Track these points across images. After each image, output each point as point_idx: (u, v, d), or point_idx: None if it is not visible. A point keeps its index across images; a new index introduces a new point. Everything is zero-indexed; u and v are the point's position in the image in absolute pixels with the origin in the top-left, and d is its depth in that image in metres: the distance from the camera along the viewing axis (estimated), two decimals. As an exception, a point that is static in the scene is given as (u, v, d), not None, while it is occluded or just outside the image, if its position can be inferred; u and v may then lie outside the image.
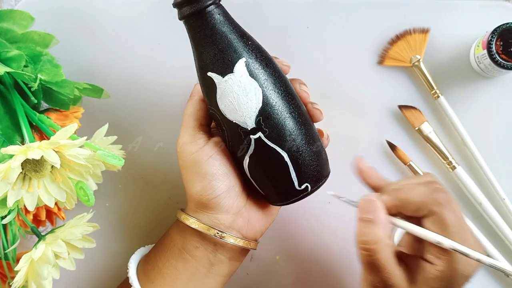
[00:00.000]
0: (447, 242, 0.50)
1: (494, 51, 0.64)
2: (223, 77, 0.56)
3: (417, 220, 0.53)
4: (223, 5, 0.56)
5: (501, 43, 0.64)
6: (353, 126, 0.70)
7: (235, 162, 0.60)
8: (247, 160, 0.58)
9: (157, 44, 0.72)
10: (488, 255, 0.49)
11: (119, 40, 0.72)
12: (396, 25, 0.70)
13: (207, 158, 0.58)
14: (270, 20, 0.60)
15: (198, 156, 0.58)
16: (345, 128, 0.70)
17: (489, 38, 0.64)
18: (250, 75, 0.56)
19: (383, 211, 0.53)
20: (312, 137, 0.58)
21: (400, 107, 0.70)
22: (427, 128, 0.68)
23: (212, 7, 0.55)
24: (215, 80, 0.56)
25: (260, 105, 0.56)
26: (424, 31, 0.69)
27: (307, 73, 0.65)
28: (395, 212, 0.54)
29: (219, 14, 0.56)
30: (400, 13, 0.70)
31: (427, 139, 0.69)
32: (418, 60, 0.69)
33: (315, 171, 0.58)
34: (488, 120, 0.70)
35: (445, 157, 0.68)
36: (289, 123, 0.57)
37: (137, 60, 0.72)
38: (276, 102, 0.56)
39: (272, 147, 0.56)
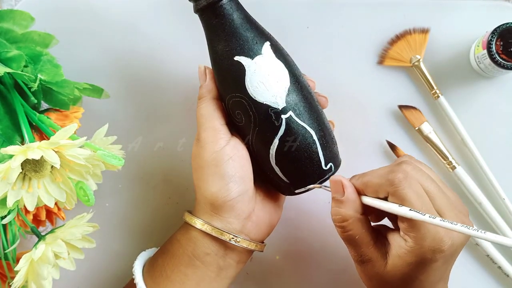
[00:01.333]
0: (402, 211, 0.51)
1: (494, 51, 0.64)
2: (252, 59, 0.57)
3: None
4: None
5: (501, 43, 0.64)
6: (353, 126, 0.70)
7: (254, 158, 0.60)
8: (276, 143, 0.58)
9: (157, 44, 0.72)
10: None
11: (119, 40, 0.72)
12: (396, 25, 0.70)
13: (227, 159, 0.58)
14: (270, 20, 0.60)
15: (218, 156, 0.58)
16: (345, 128, 0.70)
17: (489, 38, 0.64)
18: (276, 57, 0.58)
19: (351, 189, 0.55)
20: (326, 121, 0.61)
21: (400, 107, 0.70)
22: (427, 128, 0.68)
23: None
24: (244, 63, 0.57)
25: (289, 84, 0.58)
26: (424, 31, 0.69)
27: (307, 73, 0.65)
28: (360, 193, 0.56)
29: (236, 3, 0.58)
30: (400, 13, 0.70)
31: (427, 139, 0.69)
32: (418, 60, 0.69)
33: (336, 151, 0.62)
34: (488, 120, 0.70)
35: (445, 157, 0.68)
36: (313, 103, 0.60)
37: (137, 60, 0.72)
38: (300, 82, 0.60)
39: (302, 125, 0.58)
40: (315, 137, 0.59)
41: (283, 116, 0.58)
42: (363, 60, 0.71)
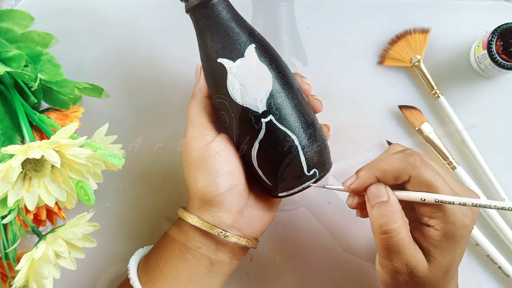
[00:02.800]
0: (429, 196, 0.51)
1: (494, 51, 0.64)
2: (234, 62, 0.57)
3: (400, 187, 0.54)
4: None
5: (501, 43, 0.65)
6: (353, 126, 0.70)
7: (241, 157, 0.60)
8: (256, 147, 0.58)
9: (157, 44, 0.72)
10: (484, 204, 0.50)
11: (119, 40, 0.72)
12: (396, 25, 0.70)
13: (213, 154, 0.58)
14: (270, 20, 0.60)
15: (204, 152, 0.58)
16: (345, 128, 0.70)
17: (489, 38, 0.64)
18: (260, 60, 0.58)
19: (392, 193, 0.53)
20: (316, 126, 0.60)
21: (400, 107, 0.70)
22: (427, 128, 0.68)
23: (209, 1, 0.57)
24: (226, 66, 0.57)
25: (271, 88, 0.58)
26: (424, 31, 0.70)
27: (307, 73, 0.65)
28: (375, 181, 0.55)
29: (226, 4, 0.58)
30: (400, 13, 0.70)
31: (427, 139, 0.69)
32: (418, 60, 0.69)
33: (322, 157, 0.60)
34: (488, 120, 0.70)
35: (445, 157, 0.68)
36: (298, 107, 0.59)
37: (137, 60, 0.72)
38: (284, 86, 0.58)
39: (283, 130, 0.58)
40: (296, 142, 0.58)
41: (263, 120, 0.57)
42: (363, 60, 0.71)
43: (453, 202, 0.50)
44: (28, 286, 0.54)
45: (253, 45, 0.58)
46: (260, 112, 0.57)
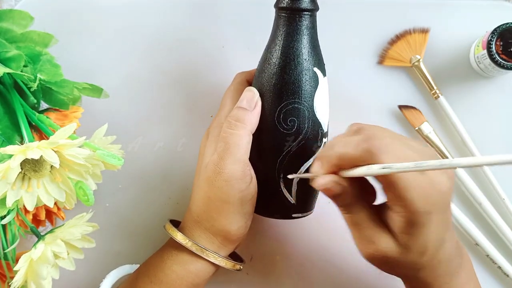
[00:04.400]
0: (374, 168, 0.47)
1: (494, 51, 0.64)
2: (324, 77, 0.59)
3: None
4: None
5: (501, 43, 0.64)
6: (353, 126, 0.70)
7: (265, 172, 0.59)
8: (310, 162, 0.59)
9: (157, 44, 0.72)
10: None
11: (119, 40, 0.72)
12: (396, 25, 0.70)
13: (250, 197, 0.58)
14: (270, 20, 0.60)
15: (245, 196, 0.57)
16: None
17: (489, 38, 0.64)
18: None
19: (341, 180, 0.50)
20: None
21: (400, 107, 0.70)
22: (427, 128, 0.68)
23: (316, 11, 0.59)
24: (319, 77, 0.58)
25: (328, 113, 0.60)
26: (424, 31, 0.69)
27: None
28: (337, 170, 0.51)
29: (316, 20, 0.59)
30: (400, 13, 0.70)
31: (427, 139, 0.69)
32: (418, 60, 0.69)
33: None
34: (488, 120, 0.70)
35: (445, 157, 0.68)
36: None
37: (137, 60, 0.72)
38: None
39: None
40: None
41: (324, 140, 0.60)
42: (363, 60, 0.71)
43: (402, 168, 0.45)
44: (27, 287, 0.54)
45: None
46: (325, 131, 0.59)
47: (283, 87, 0.57)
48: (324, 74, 0.59)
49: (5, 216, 0.55)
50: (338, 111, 0.67)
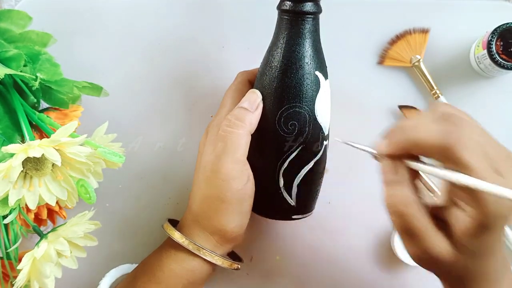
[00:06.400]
0: (465, 180, 0.42)
1: (494, 51, 0.64)
2: (326, 80, 0.58)
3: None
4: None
5: (501, 43, 0.65)
6: (353, 126, 0.70)
7: (264, 173, 0.59)
8: (310, 165, 0.59)
9: (157, 44, 0.72)
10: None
11: (118, 40, 0.72)
12: (396, 25, 0.70)
13: (248, 197, 0.58)
14: (270, 20, 0.60)
15: (243, 195, 0.57)
16: (345, 128, 0.70)
17: (489, 38, 0.64)
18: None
19: (406, 172, 0.47)
20: None
21: (400, 107, 0.70)
22: (427, 128, 0.68)
23: (319, 14, 0.58)
24: (321, 81, 0.58)
25: (330, 115, 0.60)
26: (424, 31, 0.70)
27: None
28: (403, 154, 0.47)
29: (319, 23, 0.59)
30: (400, 13, 0.70)
31: (427, 139, 0.69)
32: (418, 60, 0.69)
33: None
34: (488, 120, 0.69)
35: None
36: None
37: (137, 60, 0.71)
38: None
39: (326, 156, 0.61)
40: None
41: (325, 142, 0.60)
42: (363, 60, 0.71)
43: (489, 190, 0.41)
44: (30, 286, 0.54)
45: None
46: (326, 134, 0.59)
47: (284, 91, 0.57)
48: (326, 77, 0.59)
49: (7, 215, 0.55)
50: (338, 111, 0.67)
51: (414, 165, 0.47)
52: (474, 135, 0.44)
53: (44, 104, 0.65)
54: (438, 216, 0.48)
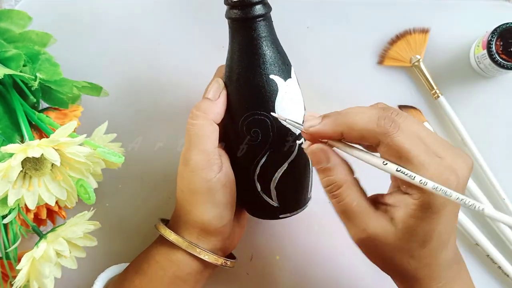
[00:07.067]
0: (390, 167, 0.45)
1: (494, 51, 0.64)
2: (285, 81, 0.56)
3: (373, 148, 0.49)
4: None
5: (501, 43, 0.65)
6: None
7: (240, 179, 0.59)
8: (285, 167, 0.58)
9: (157, 44, 0.72)
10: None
11: (118, 40, 0.72)
12: (396, 25, 0.70)
13: (220, 186, 0.56)
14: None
15: (213, 184, 0.56)
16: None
17: (489, 38, 0.64)
18: (298, 83, 0.58)
19: (334, 154, 0.49)
20: None
21: (400, 107, 0.70)
22: (427, 128, 0.69)
23: (269, 13, 0.55)
24: (278, 83, 0.55)
25: (304, 112, 0.58)
26: (424, 31, 0.70)
27: (307, 73, 0.65)
28: (337, 137, 0.49)
29: (271, 21, 0.56)
30: (400, 13, 0.70)
31: (427, 139, 0.69)
32: (418, 60, 0.69)
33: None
34: (488, 120, 0.70)
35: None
36: None
37: (137, 60, 0.71)
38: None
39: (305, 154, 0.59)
40: (312, 167, 0.61)
41: (298, 142, 0.57)
42: (363, 60, 0.71)
43: (422, 183, 0.43)
44: (29, 286, 0.54)
45: (292, 67, 0.57)
46: (297, 134, 0.57)
47: (241, 101, 0.56)
48: (287, 77, 0.56)
49: (6, 215, 0.55)
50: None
51: (347, 150, 0.49)
52: (410, 122, 0.47)
53: (43, 104, 0.65)
54: (379, 201, 0.50)
